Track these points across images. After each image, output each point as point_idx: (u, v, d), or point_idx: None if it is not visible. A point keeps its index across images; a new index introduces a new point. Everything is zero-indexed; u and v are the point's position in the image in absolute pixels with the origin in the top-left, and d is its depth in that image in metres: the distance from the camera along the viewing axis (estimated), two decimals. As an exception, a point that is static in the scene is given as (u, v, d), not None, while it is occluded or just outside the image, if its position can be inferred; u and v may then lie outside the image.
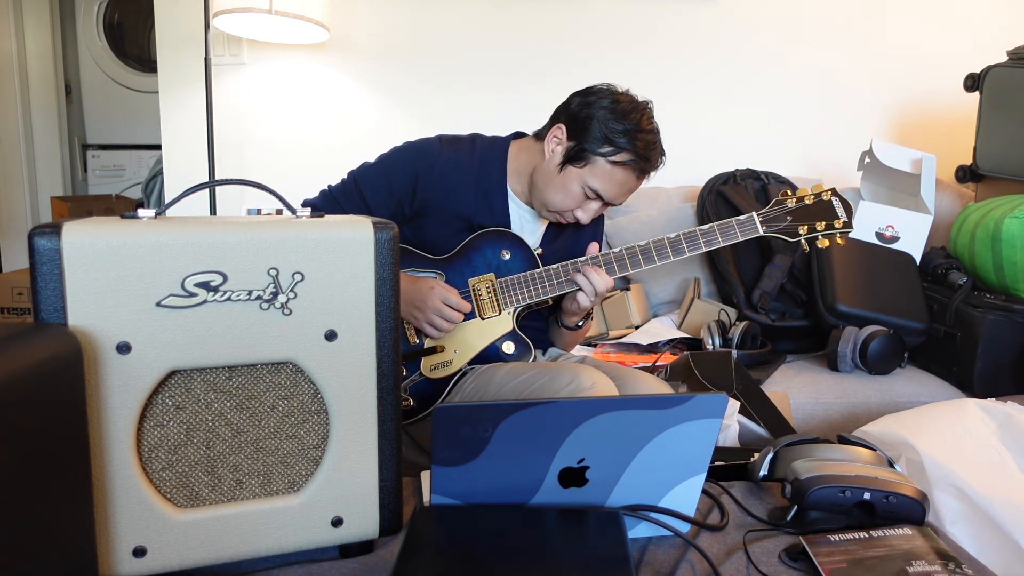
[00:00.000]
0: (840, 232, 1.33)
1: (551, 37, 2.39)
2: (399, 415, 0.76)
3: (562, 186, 1.28)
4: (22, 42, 3.68)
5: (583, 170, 1.26)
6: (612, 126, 1.23)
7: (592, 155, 1.25)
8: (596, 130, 1.24)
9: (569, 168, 1.27)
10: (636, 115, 1.24)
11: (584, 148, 1.25)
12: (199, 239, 0.65)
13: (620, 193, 1.29)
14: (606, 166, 1.25)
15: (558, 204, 1.30)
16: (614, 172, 1.25)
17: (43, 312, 0.62)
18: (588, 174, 1.26)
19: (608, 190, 1.27)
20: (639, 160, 1.25)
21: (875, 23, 2.44)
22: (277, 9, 1.90)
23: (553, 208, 1.31)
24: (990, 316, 1.67)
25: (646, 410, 0.71)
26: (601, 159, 1.25)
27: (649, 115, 1.27)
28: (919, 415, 1.14)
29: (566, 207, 1.30)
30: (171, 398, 0.68)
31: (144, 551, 0.67)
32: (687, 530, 0.81)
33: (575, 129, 1.27)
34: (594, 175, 1.26)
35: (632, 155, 1.24)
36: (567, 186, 1.28)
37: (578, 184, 1.27)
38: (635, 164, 1.25)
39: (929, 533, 0.79)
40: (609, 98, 1.26)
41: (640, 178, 1.29)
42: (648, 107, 1.28)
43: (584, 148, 1.25)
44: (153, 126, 3.50)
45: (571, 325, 1.40)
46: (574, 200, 1.29)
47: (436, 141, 1.35)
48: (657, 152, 1.28)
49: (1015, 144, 1.95)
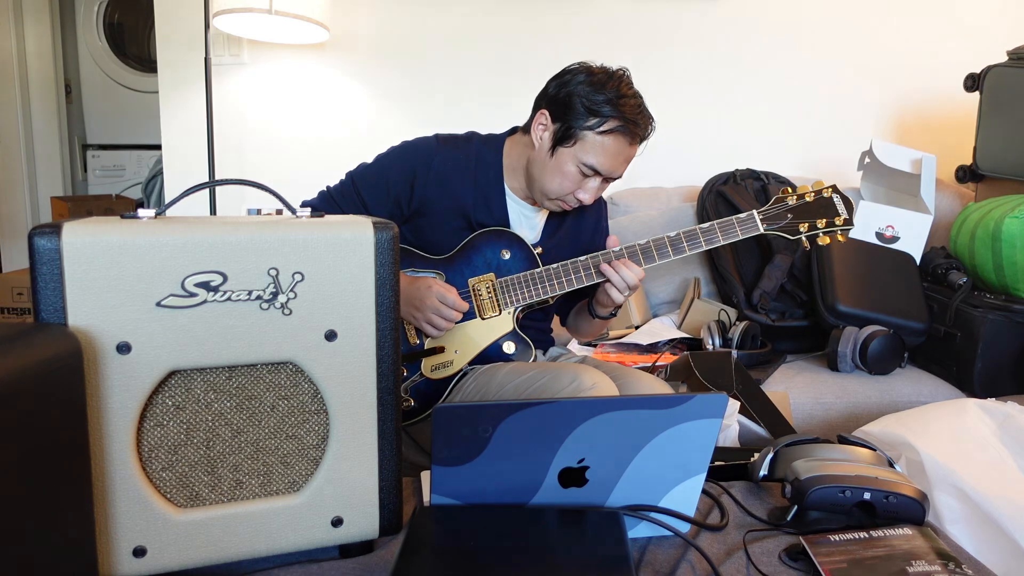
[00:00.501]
0: (841, 229, 1.31)
1: (551, 37, 2.39)
2: (399, 415, 0.76)
3: (557, 169, 1.27)
4: (22, 42, 3.67)
5: (574, 148, 1.25)
6: (593, 98, 1.22)
7: (580, 131, 1.23)
8: (578, 105, 1.23)
9: (560, 150, 1.26)
10: (614, 83, 1.23)
11: (570, 126, 1.24)
12: (199, 239, 0.65)
13: (616, 164, 1.27)
14: (596, 138, 1.23)
15: (557, 189, 1.28)
16: (605, 142, 1.23)
17: (43, 312, 0.62)
18: (580, 151, 1.24)
19: (603, 163, 1.25)
20: (627, 124, 1.23)
21: (875, 23, 2.44)
22: (277, 9, 1.90)
23: (553, 195, 1.29)
24: (990, 316, 1.67)
25: (646, 410, 0.71)
26: (589, 133, 1.23)
27: (628, 82, 1.26)
28: (919, 415, 1.14)
29: (565, 190, 1.28)
30: (171, 398, 0.68)
31: (144, 551, 0.67)
32: (687, 530, 0.81)
33: (557, 110, 1.26)
34: (586, 150, 1.24)
35: (619, 121, 1.22)
36: (562, 168, 1.26)
37: (572, 164, 1.25)
38: (624, 129, 1.23)
39: (929, 533, 0.79)
40: (584, 72, 1.25)
41: (633, 144, 1.27)
42: (625, 74, 1.27)
43: (570, 126, 1.24)
44: (153, 126, 3.49)
45: (604, 315, 1.40)
46: (572, 181, 1.27)
47: (433, 140, 1.35)
48: (644, 116, 1.26)
49: (1015, 144, 1.95)
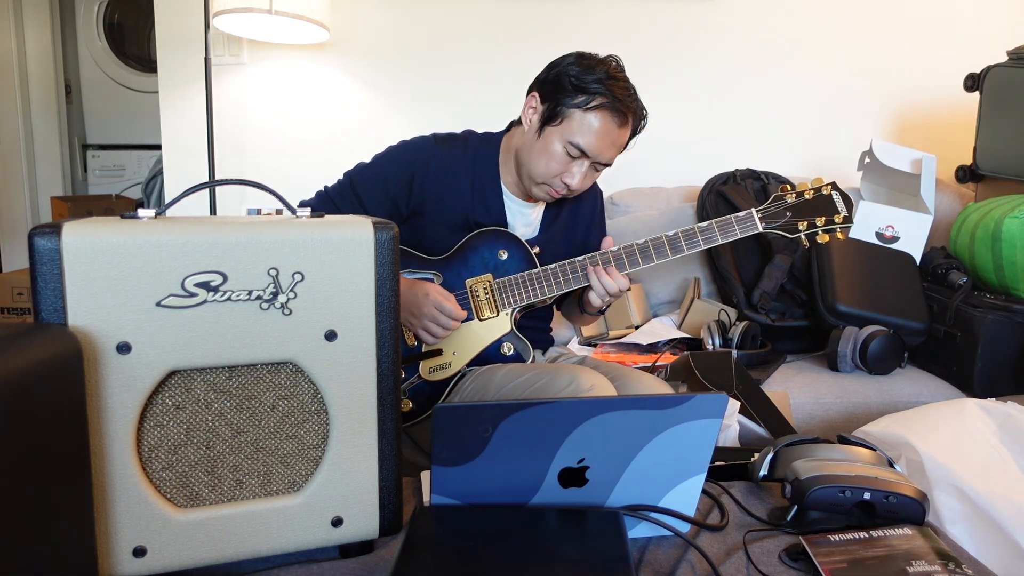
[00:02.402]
0: (840, 227, 1.30)
1: (551, 37, 2.39)
2: (399, 415, 0.76)
3: (544, 149, 1.26)
4: (22, 42, 3.67)
5: (561, 127, 1.24)
6: (583, 76, 1.22)
7: (567, 108, 1.23)
8: (566, 83, 1.23)
9: (547, 129, 1.25)
10: (603, 66, 1.23)
11: (558, 103, 1.24)
12: (199, 239, 0.65)
13: (603, 145, 1.24)
14: (582, 116, 1.22)
15: (543, 171, 1.27)
16: (591, 120, 1.22)
17: (43, 312, 0.62)
18: (566, 129, 1.24)
19: (589, 142, 1.23)
20: (614, 101, 1.21)
21: (875, 23, 2.44)
22: (277, 9, 1.90)
23: (540, 178, 1.28)
24: (990, 316, 1.66)
25: (646, 410, 0.71)
26: (576, 111, 1.22)
27: (617, 64, 1.26)
28: (919, 415, 1.14)
29: (551, 172, 1.26)
30: (171, 398, 0.68)
31: (144, 551, 0.67)
32: (687, 530, 0.81)
33: (547, 91, 1.26)
34: (572, 129, 1.23)
35: (606, 98, 1.21)
36: (548, 147, 1.25)
37: (559, 143, 1.24)
38: (611, 107, 1.22)
39: (929, 533, 0.79)
40: (574, 56, 1.26)
41: (622, 126, 1.25)
42: (616, 59, 1.27)
43: (558, 103, 1.24)
44: (153, 126, 3.50)
45: (592, 311, 1.41)
46: (558, 162, 1.25)
47: (431, 139, 1.35)
48: (633, 96, 1.25)
49: (1015, 144, 1.95)
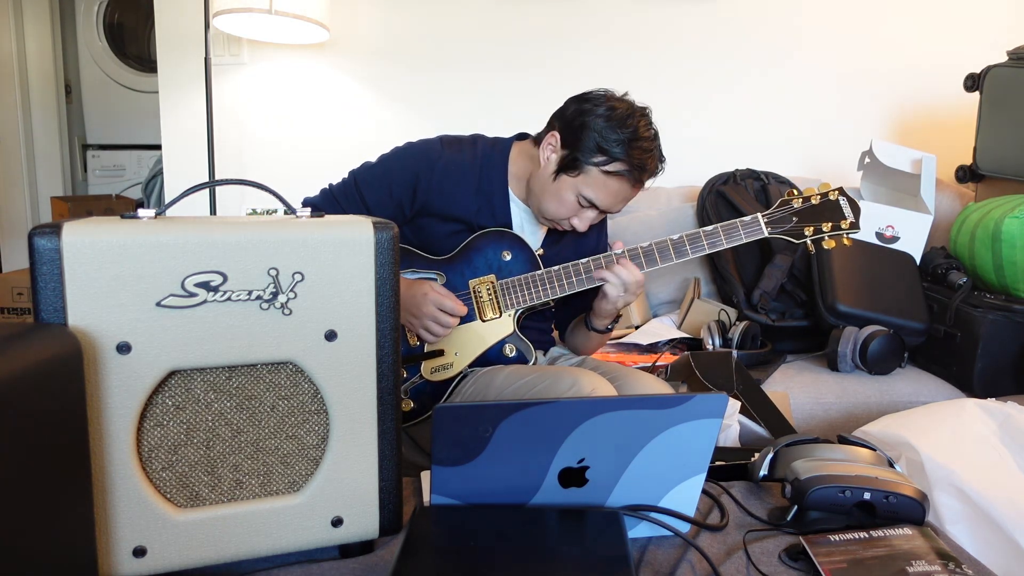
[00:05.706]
0: (847, 233, 1.30)
1: (551, 37, 2.39)
2: (399, 415, 0.76)
3: (556, 195, 1.27)
4: (22, 42, 3.67)
5: (576, 179, 1.24)
6: (607, 135, 1.21)
7: (585, 164, 1.23)
8: (590, 139, 1.22)
9: (563, 177, 1.25)
10: (632, 122, 1.22)
11: (577, 157, 1.23)
12: (199, 239, 0.65)
13: (615, 202, 1.27)
14: (599, 176, 1.23)
15: (553, 212, 1.29)
16: (608, 182, 1.23)
17: (43, 312, 0.62)
18: (582, 183, 1.24)
19: (602, 199, 1.25)
20: (633, 170, 1.22)
21: (875, 23, 2.44)
22: (277, 9, 1.90)
23: (549, 216, 1.30)
24: (990, 316, 1.66)
25: (646, 410, 0.71)
26: (594, 168, 1.23)
27: (647, 121, 1.24)
28: (919, 415, 1.14)
29: (561, 216, 1.29)
30: (171, 398, 0.68)
31: (144, 551, 0.67)
32: (687, 530, 0.81)
33: (569, 137, 1.25)
34: (587, 184, 1.24)
35: (626, 165, 1.22)
36: (561, 195, 1.26)
37: (572, 193, 1.26)
38: (629, 174, 1.23)
39: (929, 533, 0.79)
40: (604, 105, 1.23)
41: (636, 187, 1.26)
42: (646, 112, 1.25)
43: (577, 157, 1.23)
44: (153, 126, 3.49)
45: (601, 328, 1.39)
46: (568, 209, 1.27)
47: (437, 142, 1.34)
48: (654, 159, 1.25)
49: (1015, 144, 1.94)
